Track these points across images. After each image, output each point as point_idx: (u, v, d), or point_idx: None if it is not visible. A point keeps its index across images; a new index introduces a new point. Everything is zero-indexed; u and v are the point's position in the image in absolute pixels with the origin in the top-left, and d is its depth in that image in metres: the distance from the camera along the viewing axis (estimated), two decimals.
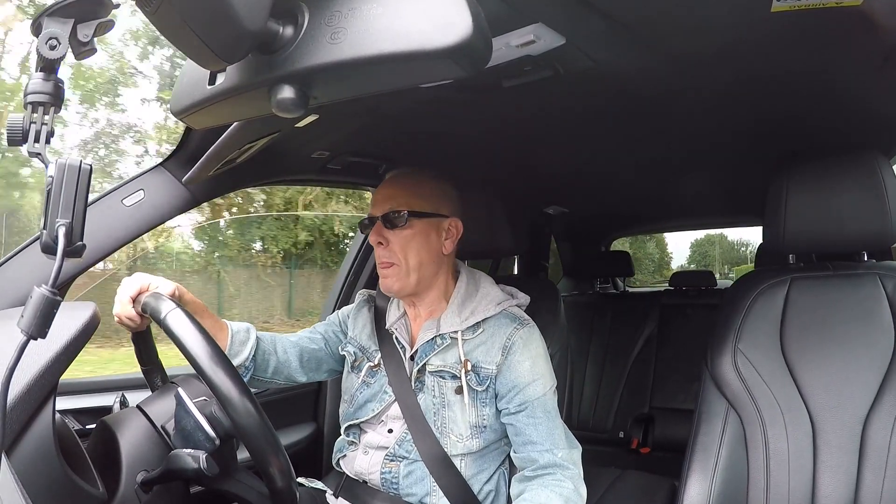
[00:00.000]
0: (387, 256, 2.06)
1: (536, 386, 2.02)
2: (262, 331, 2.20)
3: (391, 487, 2.06)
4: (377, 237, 2.06)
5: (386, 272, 2.07)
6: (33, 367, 1.19)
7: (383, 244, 2.06)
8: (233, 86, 1.01)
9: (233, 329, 2.06)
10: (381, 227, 2.07)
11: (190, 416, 1.48)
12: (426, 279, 2.12)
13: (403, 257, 2.05)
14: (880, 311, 2.04)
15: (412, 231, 2.06)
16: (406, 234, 2.05)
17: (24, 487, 1.06)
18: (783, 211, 2.09)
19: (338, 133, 2.24)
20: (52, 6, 0.97)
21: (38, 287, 0.95)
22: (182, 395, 1.52)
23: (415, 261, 2.06)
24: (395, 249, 2.05)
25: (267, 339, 2.19)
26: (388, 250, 2.06)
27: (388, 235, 2.06)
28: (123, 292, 1.78)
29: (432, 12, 0.82)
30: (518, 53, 1.55)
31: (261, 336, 2.16)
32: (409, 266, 2.06)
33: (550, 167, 3.15)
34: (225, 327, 2.05)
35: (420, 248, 2.07)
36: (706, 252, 52.21)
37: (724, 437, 2.08)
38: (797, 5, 1.36)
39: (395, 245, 2.05)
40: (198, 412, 1.48)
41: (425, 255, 2.08)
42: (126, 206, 1.98)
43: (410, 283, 2.08)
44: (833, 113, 2.24)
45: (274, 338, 2.22)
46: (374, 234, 2.07)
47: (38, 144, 1.00)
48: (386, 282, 2.08)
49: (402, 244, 2.05)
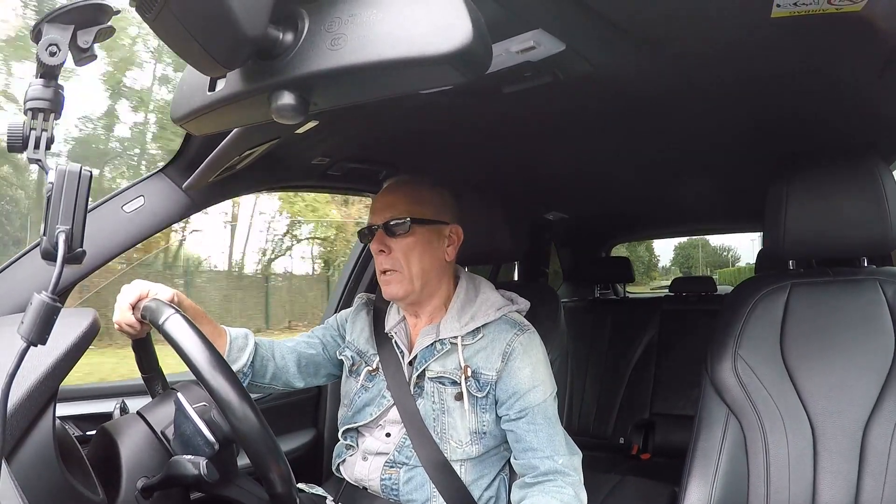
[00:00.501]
0: (389, 264, 2.06)
1: (537, 392, 2.02)
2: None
3: (391, 494, 2.06)
4: (379, 245, 2.05)
5: (388, 278, 2.07)
6: (33, 373, 1.19)
7: (385, 252, 2.05)
8: (233, 92, 1.01)
9: (231, 335, 2.06)
10: (382, 235, 2.06)
11: (189, 422, 1.48)
12: (429, 286, 2.12)
13: (406, 264, 2.05)
14: (880, 317, 2.03)
15: (414, 238, 2.05)
16: (408, 241, 2.05)
17: (25, 494, 1.06)
18: (783, 216, 2.08)
19: (338, 139, 2.24)
20: (53, 12, 0.97)
21: (38, 293, 0.95)
22: (181, 400, 1.52)
23: (417, 268, 2.06)
24: (398, 257, 2.05)
25: (265, 344, 2.18)
26: (390, 258, 2.05)
27: (389, 243, 2.05)
28: (123, 299, 1.77)
29: (432, 18, 0.82)
30: (518, 59, 1.55)
31: (259, 342, 2.15)
32: (411, 273, 2.05)
33: (551, 172, 3.15)
34: (223, 333, 2.05)
35: (422, 255, 2.07)
36: (689, 254, 52.85)
37: (725, 443, 2.08)
38: (797, 11, 1.36)
39: (397, 252, 2.05)
40: (197, 417, 1.48)
41: (428, 262, 2.08)
42: (126, 213, 1.99)
43: (414, 289, 2.07)
44: (833, 117, 2.24)
45: (272, 343, 2.21)
46: (375, 242, 2.06)
47: (38, 151, 1.00)
48: (389, 288, 2.07)
49: (405, 251, 2.05)
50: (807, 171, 2.09)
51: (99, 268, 1.95)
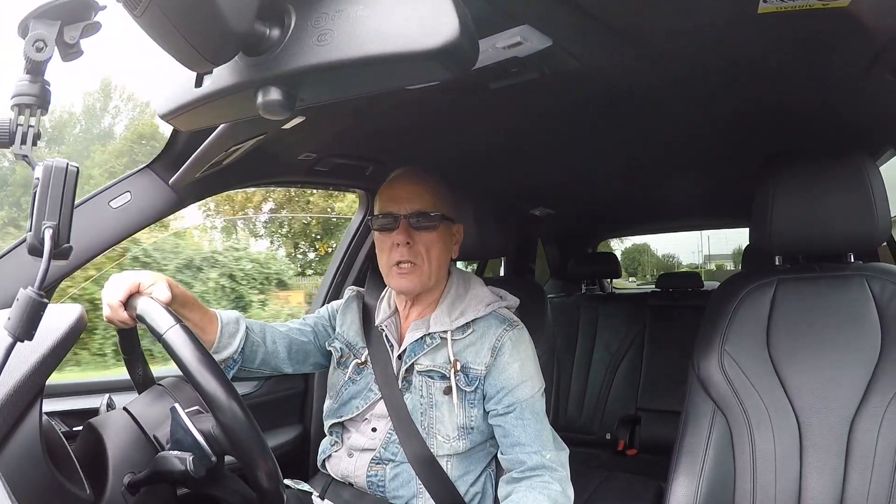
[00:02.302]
0: (411, 256, 2.03)
1: (525, 388, 2.02)
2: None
3: (377, 490, 2.06)
4: (405, 237, 2.03)
5: (405, 270, 2.05)
6: (20, 369, 1.19)
7: (409, 244, 2.03)
8: (219, 88, 1.01)
9: (222, 321, 2.03)
10: (408, 227, 2.04)
11: (189, 435, 1.47)
12: (438, 281, 2.13)
13: (427, 258, 2.05)
14: (867, 313, 2.04)
15: (438, 234, 2.06)
16: (433, 236, 2.05)
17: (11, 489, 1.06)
18: (770, 212, 2.09)
19: (325, 135, 2.24)
20: (39, 8, 0.96)
21: (24, 289, 0.95)
22: (178, 412, 1.50)
23: (436, 263, 2.06)
24: (420, 251, 2.04)
25: (256, 328, 2.16)
26: (412, 251, 2.03)
27: (414, 236, 2.04)
28: (112, 296, 1.70)
29: (419, 14, 0.82)
30: (505, 55, 1.55)
31: (250, 326, 2.13)
32: (430, 268, 2.05)
33: (537, 168, 3.16)
34: (214, 319, 2.02)
35: (441, 252, 2.08)
36: (634, 258, 54.34)
37: (711, 438, 2.08)
38: (784, 7, 1.37)
39: (420, 246, 2.04)
40: (195, 430, 1.47)
41: (444, 258, 2.10)
42: (113, 209, 1.98)
43: (429, 284, 2.09)
44: (820, 113, 2.25)
45: (263, 328, 2.19)
46: (401, 233, 2.03)
47: (25, 146, 1.00)
48: (404, 280, 2.06)
49: (428, 245, 2.05)
50: (793, 167, 2.10)
51: (85, 264, 1.95)
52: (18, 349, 0.95)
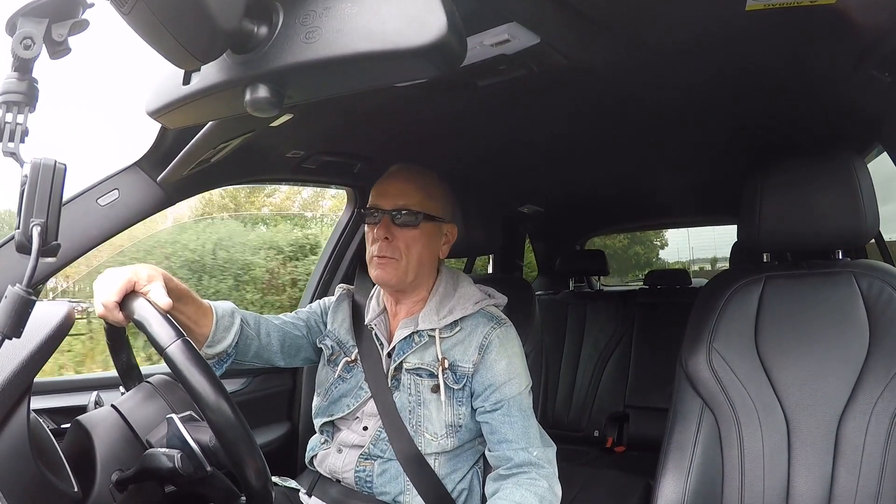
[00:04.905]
0: (389, 251, 2.05)
1: (512, 385, 2.03)
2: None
3: (365, 486, 2.07)
4: (385, 232, 2.05)
5: (383, 263, 2.06)
6: (8, 366, 1.19)
7: (388, 239, 2.05)
8: (207, 85, 1.01)
9: (217, 313, 2.00)
10: (389, 223, 2.06)
11: (186, 447, 1.46)
12: (419, 278, 2.13)
13: (405, 255, 2.05)
14: (855, 310, 2.05)
15: (420, 232, 2.06)
16: (414, 234, 2.06)
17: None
18: (758, 209, 2.09)
19: (312, 132, 2.24)
20: (27, 6, 0.96)
21: (12, 286, 0.95)
22: (176, 423, 1.49)
23: (415, 260, 2.07)
24: (400, 246, 2.05)
25: (251, 321, 2.14)
26: (391, 246, 2.05)
27: (395, 231, 2.05)
28: (107, 295, 1.61)
29: (407, 11, 0.82)
30: (493, 52, 1.56)
31: (245, 319, 2.11)
32: (408, 264, 2.06)
33: (526, 165, 3.15)
34: (209, 312, 1.98)
35: (423, 249, 2.08)
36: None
37: (699, 435, 2.09)
38: (772, 4, 1.37)
39: (399, 242, 2.05)
40: (193, 442, 1.47)
41: (426, 256, 2.10)
42: (101, 206, 1.97)
43: (407, 279, 2.08)
44: (808, 110, 2.26)
45: (258, 320, 2.18)
46: (382, 228, 2.05)
47: (13, 144, 1.00)
48: (380, 272, 2.07)
49: (408, 242, 2.05)
50: (782, 164, 2.10)
51: (73, 261, 1.94)
52: (6, 346, 0.95)
